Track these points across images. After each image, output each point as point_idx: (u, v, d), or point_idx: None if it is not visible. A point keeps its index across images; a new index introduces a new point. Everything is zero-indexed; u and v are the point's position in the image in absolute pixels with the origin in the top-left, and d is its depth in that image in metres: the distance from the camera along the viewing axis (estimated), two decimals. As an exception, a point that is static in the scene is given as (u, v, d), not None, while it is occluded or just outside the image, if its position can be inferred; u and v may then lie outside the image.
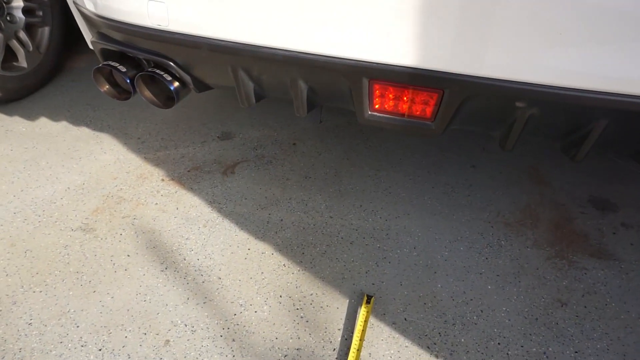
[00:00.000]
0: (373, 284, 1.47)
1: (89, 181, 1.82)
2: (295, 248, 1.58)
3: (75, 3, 1.25)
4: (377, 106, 1.02)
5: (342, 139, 2.14)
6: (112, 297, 1.38)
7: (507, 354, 1.28)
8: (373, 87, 0.97)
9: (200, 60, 1.10)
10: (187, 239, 1.59)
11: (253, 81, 1.11)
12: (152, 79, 1.25)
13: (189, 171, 1.91)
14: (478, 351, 1.29)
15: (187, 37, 1.02)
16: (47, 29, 2.38)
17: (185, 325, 1.31)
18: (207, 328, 1.31)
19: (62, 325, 1.30)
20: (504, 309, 1.41)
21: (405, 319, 1.37)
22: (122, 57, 1.23)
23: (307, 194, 1.81)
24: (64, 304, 1.36)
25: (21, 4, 2.21)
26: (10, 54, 2.23)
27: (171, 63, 1.14)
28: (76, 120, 2.18)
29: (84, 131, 2.12)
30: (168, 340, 1.27)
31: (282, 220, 1.69)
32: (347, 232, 1.65)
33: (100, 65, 1.21)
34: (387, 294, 1.44)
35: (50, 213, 1.66)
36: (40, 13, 2.32)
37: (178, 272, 1.47)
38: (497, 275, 1.51)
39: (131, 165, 1.92)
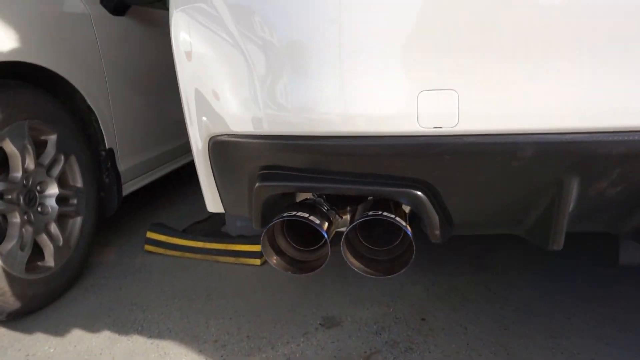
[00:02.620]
0: None
1: (168, 419, 1.18)
2: None
3: (215, 140, 0.86)
4: None
5: (477, 303, 1.67)
6: None
7: None
8: None
9: (500, 178, 0.71)
10: None
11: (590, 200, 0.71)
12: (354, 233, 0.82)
13: (307, 379, 1.32)
14: None
15: (496, 137, 0.65)
16: (79, 220, 1.96)
17: None
18: None
19: None
20: None
21: None
22: (299, 205, 0.82)
23: (493, 390, 1.25)
24: None
25: (56, 191, 1.84)
26: (35, 252, 1.74)
27: (420, 194, 0.73)
28: (122, 328, 1.61)
29: (138, 341, 1.53)
30: None
31: None
32: None
33: (279, 218, 0.78)
34: None
35: None
36: (75, 201, 1.94)
37: None
38: None
39: (222, 383, 1.31)
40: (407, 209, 0.93)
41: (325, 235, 0.80)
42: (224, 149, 0.86)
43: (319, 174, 0.78)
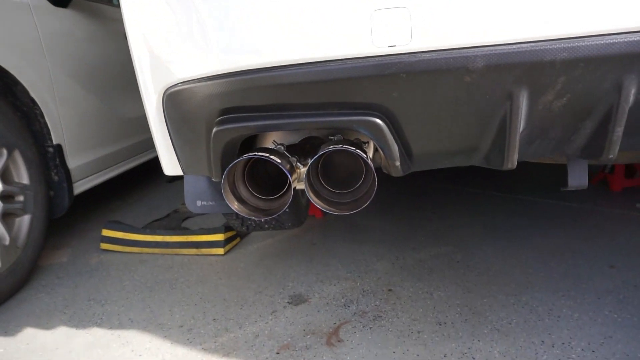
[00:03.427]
0: None
1: (134, 402, 1.13)
2: None
3: (170, 92, 0.83)
4: None
5: (441, 272, 1.70)
6: None
7: None
8: None
9: (455, 95, 0.72)
10: None
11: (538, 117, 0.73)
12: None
13: (277, 353, 1.30)
14: None
15: (449, 52, 0.66)
16: (27, 218, 1.85)
17: None
18: None
19: None
20: None
21: None
22: (259, 149, 0.81)
23: (462, 344, 1.27)
24: None
25: (-1, 187, 1.73)
26: (-21, 252, 1.63)
27: (378, 121, 0.73)
28: (80, 322, 1.52)
29: (97, 333, 1.45)
30: None
31: (461, 388, 1.11)
32: (562, 381, 1.11)
33: (240, 158, 0.77)
34: None
35: None
36: (21, 198, 1.83)
37: None
38: None
39: (190, 364, 1.27)
40: (370, 151, 0.93)
41: (288, 174, 0.79)
42: (179, 100, 0.84)
43: (277, 111, 0.78)
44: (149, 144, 2.92)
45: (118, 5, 2.94)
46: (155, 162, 3.13)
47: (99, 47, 2.46)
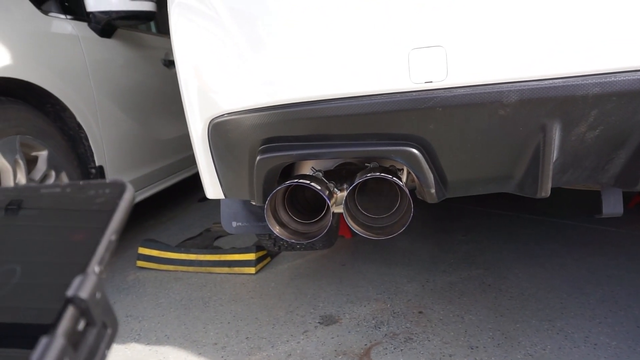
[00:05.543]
0: None
1: (172, 418, 1.17)
2: None
3: (215, 122, 0.88)
4: None
5: (473, 296, 1.69)
6: None
7: None
8: None
9: (489, 127, 0.75)
10: None
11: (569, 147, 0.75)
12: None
13: (310, 373, 1.32)
14: None
15: (482, 88, 0.70)
16: (70, 236, 1.95)
17: None
18: None
19: None
20: None
21: None
22: (299, 176, 0.85)
23: (494, 370, 1.26)
24: None
25: (47, 206, 1.83)
26: (27, 268, 1.72)
27: (414, 151, 0.77)
28: (119, 338, 1.58)
29: (136, 348, 1.51)
30: None
31: (495, 414, 1.10)
32: (600, 411, 1.08)
33: (282, 185, 0.81)
34: None
35: None
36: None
37: None
38: None
39: (224, 382, 1.30)
40: (403, 176, 0.97)
41: (327, 200, 0.83)
42: (224, 129, 0.90)
43: (317, 140, 0.82)
44: (182, 165, 3.03)
45: (156, 34, 3.09)
46: (186, 182, 3.24)
47: (137, 73, 2.59)
